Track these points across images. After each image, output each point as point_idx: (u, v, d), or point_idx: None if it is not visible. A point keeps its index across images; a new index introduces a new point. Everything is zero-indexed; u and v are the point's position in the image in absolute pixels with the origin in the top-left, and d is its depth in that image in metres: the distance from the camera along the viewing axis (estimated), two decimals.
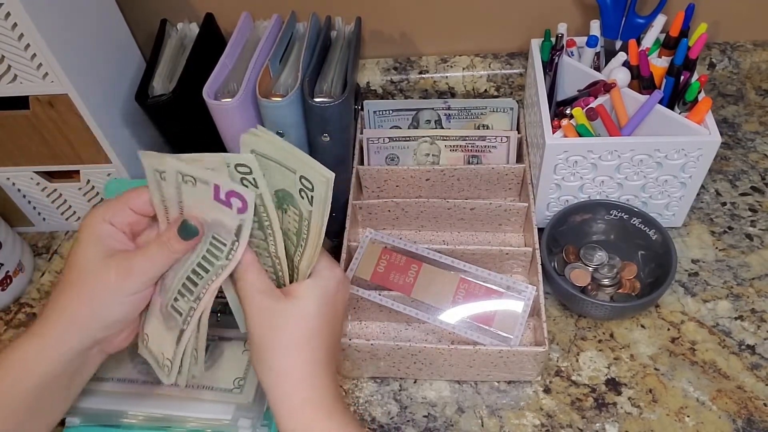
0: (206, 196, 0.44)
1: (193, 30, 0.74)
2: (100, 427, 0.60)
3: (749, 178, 0.78)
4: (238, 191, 0.43)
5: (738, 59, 0.88)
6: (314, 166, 0.43)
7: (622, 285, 0.68)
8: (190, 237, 0.46)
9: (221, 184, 0.43)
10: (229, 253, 0.46)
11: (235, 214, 0.44)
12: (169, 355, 0.50)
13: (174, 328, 0.49)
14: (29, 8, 0.56)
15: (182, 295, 0.48)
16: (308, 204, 0.45)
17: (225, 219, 0.45)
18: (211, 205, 0.44)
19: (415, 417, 0.61)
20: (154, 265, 0.46)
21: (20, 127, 0.66)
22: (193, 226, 0.46)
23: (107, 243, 0.46)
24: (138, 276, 0.46)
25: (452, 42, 0.88)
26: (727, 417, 0.59)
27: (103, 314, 0.46)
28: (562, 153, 0.65)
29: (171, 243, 0.46)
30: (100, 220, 0.46)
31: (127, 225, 0.48)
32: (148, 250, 0.46)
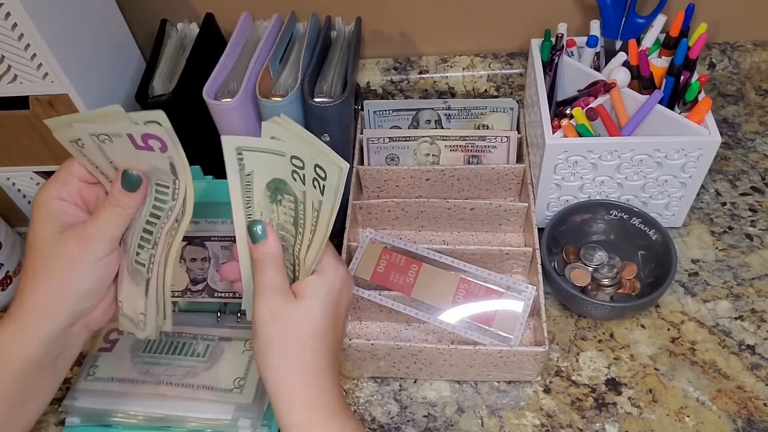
0: (128, 148, 0.44)
1: (193, 30, 0.74)
2: (100, 427, 0.60)
3: (749, 178, 0.78)
4: (150, 132, 0.42)
5: (738, 59, 0.88)
6: (330, 155, 0.42)
7: (622, 285, 0.68)
8: (135, 187, 0.46)
9: (133, 131, 0.43)
10: (174, 193, 0.46)
11: (160, 154, 0.44)
12: (141, 309, 0.50)
13: (141, 282, 0.49)
14: (29, 8, 0.56)
15: (142, 247, 0.48)
16: (320, 194, 0.44)
17: (156, 163, 0.45)
18: (136, 155, 0.44)
19: (415, 417, 0.61)
20: (109, 225, 0.47)
21: (20, 127, 0.66)
22: (134, 174, 0.46)
23: (61, 218, 0.46)
24: (96, 241, 0.46)
25: (452, 42, 0.88)
26: (727, 417, 0.59)
27: (74, 288, 0.46)
28: (562, 153, 0.65)
29: (118, 198, 0.46)
30: (50, 197, 0.46)
31: (77, 196, 0.48)
32: (99, 213, 0.47)
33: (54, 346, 0.47)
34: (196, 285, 0.63)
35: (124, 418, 0.59)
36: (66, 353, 0.49)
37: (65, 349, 0.48)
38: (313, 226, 0.46)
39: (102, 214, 0.46)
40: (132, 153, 0.44)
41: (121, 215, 0.47)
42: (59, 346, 0.47)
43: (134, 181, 0.46)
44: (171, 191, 0.46)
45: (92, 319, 0.50)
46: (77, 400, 0.60)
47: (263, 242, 0.47)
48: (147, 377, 0.61)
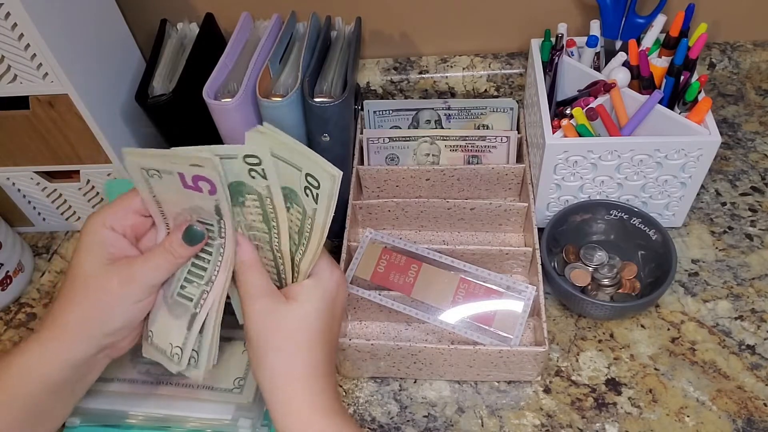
0: (176, 187, 0.44)
1: (193, 30, 0.74)
2: (101, 427, 0.60)
3: (749, 178, 0.78)
4: (202, 174, 0.42)
5: (738, 59, 0.88)
6: (320, 163, 0.42)
7: (622, 285, 0.68)
8: (196, 242, 0.46)
9: (184, 171, 0.43)
10: (220, 231, 0.46)
11: (207, 196, 0.44)
12: (178, 343, 0.49)
13: (183, 315, 0.48)
14: (29, 8, 0.56)
15: (190, 282, 0.48)
16: (313, 202, 0.44)
17: (201, 203, 0.45)
18: (183, 193, 0.44)
19: (415, 417, 0.61)
20: (158, 271, 0.46)
21: (20, 127, 0.66)
22: (198, 231, 0.46)
23: (109, 250, 0.46)
24: (141, 283, 0.46)
25: (452, 42, 0.88)
26: (727, 417, 0.59)
27: (107, 322, 0.46)
28: (562, 153, 0.65)
29: (174, 249, 0.46)
30: (100, 225, 0.46)
31: (129, 228, 0.47)
32: (150, 257, 0.46)
33: (76, 372, 0.47)
34: None
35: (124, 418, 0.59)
36: (86, 378, 0.49)
37: (85, 375, 0.49)
38: (307, 233, 0.46)
39: (153, 259, 0.46)
40: (179, 191, 0.44)
41: (172, 264, 0.46)
42: (81, 372, 0.47)
43: (197, 237, 0.46)
44: (216, 229, 0.46)
45: (116, 350, 0.50)
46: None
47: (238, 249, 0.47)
48: (147, 377, 0.61)
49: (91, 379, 0.50)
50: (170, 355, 0.50)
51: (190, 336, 0.48)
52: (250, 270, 0.47)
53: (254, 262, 0.47)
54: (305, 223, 0.46)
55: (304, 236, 0.47)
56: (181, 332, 0.49)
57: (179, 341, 0.49)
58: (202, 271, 0.48)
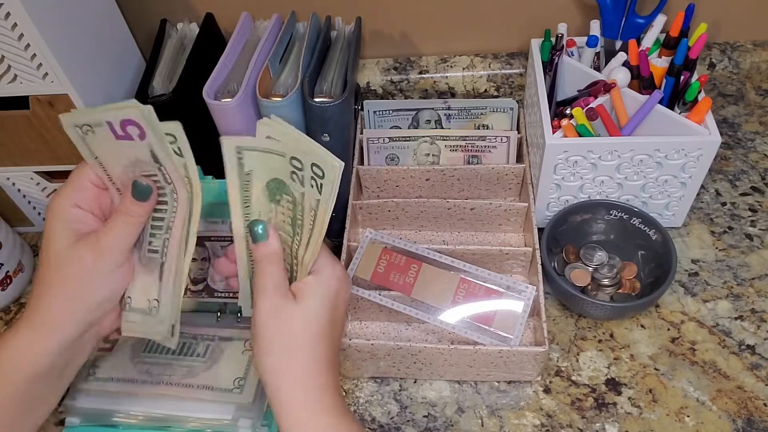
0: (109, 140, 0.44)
1: (193, 30, 0.74)
2: (100, 427, 0.60)
3: (749, 178, 0.78)
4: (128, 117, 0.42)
5: (738, 59, 0.88)
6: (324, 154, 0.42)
7: (622, 285, 0.68)
8: (145, 196, 0.46)
9: (111, 119, 0.43)
10: (165, 177, 0.46)
11: (139, 142, 0.44)
12: (154, 295, 0.49)
13: (155, 269, 0.49)
14: (29, 8, 0.56)
15: (153, 235, 0.48)
16: (317, 192, 0.44)
17: (137, 153, 0.45)
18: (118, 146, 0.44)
19: (415, 417, 0.61)
20: (122, 236, 0.46)
21: (20, 127, 0.66)
22: (143, 184, 0.46)
23: (75, 227, 0.46)
24: (110, 252, 0.46)
25: (452, 42, 0.88)
26: (727, 417, 0.59)
27: (88, 298, 0.47)
28: (562, 153, 0.65)
29: (129, 208, 0.46)
30: (65, 205, 0.46)
31: (94, 203, 0.48)
32: (111, 224, 0.46)
33: (64, 354, 0.47)
34: (196, 285, 0.63)
35: (124, 418, 0.59)
36: (75, 360, 0.49)
37: (74, 356, 0.48)
38: (311, 225, 0.46)
39: (114, 224, 0.46)
40: (114, 144, 0.44)
41: (133, 225, 0.47)
42: (69, 354, 0.47)
43: (145, 191, 0.46)
44: (162, 177, 0.46)
45: (102, 328, 0.50)
46: (77, 400, 0.60)
47: (264, 242, 0.47)
48: (147, 377, 0.61)
49: (80, 360, 0.50)
50: (149, 310, 0.50)
51: (163, 286, 0.49)
52: (273, 263, 0.47)
53: (277, 257, 0.47)
54: (309, 215, 0.46)
55: (298, 226, 0.47)
56: (156, 284, 0.49)
57: (155, 293, 0.49)
58: (161, 222, 0.48)
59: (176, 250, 0.48)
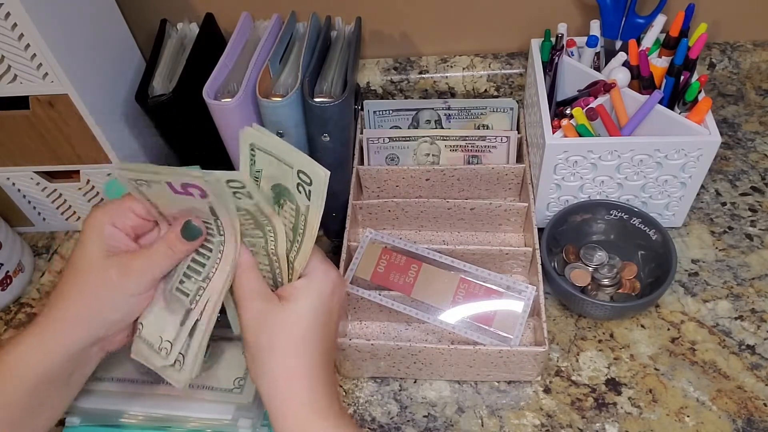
0: (167, 193, 0.44)
1: (193, 30, 0.74)
2: (100, 427, 0.60)
3: (749, 178, 0.78)
4: (190, 182, 0.42)
5: (738, 59, 0.88)
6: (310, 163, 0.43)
7: (622, 285, 0.68)
8: (194, 238, 0.46)
9: (171, 180, 0.43)
10: (219, 228, 0.46)
11: (199, 200, 0.44)
12: (170, 337, 0.49)
13: (178, 310, 0.48)
14: (29, 8, 0.56)
15: (188, 277, 0.48)
16: (306, 198, 0.44)
17: (195, 205, 0.45)
18: (176, 199, 0.44)
19: (415, 417, 0.61)
20: (157, 265, 0.46)
21: (20, 127, 0.66)
22: (196, 226, 0.46)
23: (110, 243, 0.46)
24: (139, 276, 0.46)
25: (452, 42, 0.88)
26: (727, 417, 0.59)
27: (104, 314, 0.46)
28: (562, 153, 0.65)
29: (174, 244, 0.46)
30: (103, 221, 0.46)
31: (130, 228, 0.48)
32: (150, 251, 0.46)
33: (71, 363, 0.47)
34: None
35: (124, 418, 0.59)
36: (81, 371, 0.49)
37: (81, 366, 0.49)
38: (301, 231, 0.46)
39: (153, 253, 0.46)
40: (171, 197, 0.44)
41: (172, 258, 0.47)
42: (75, 363, 0.47)
43: (195, 233, 0.46)
44: (215, 227, 0.46)
45: (111, 343, 0.50)
46: (77, 400, 0.60)
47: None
48: (147, 377, 0.61)
49: (85, 372, 0.50)
50: (158, 349, 0.49)
51: (182, 332, 0.48)
52: (245, 273, 0.47)
53: (249, 265, 0.47)
54: (299, 220, 0.46)
55: (298, 233, 0.47)
56: (175, 327, 0.48)
57: (171, 336, 0.49)
58: (201, 267, 0.48)
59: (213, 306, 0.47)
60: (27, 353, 0.45)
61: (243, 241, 0.48)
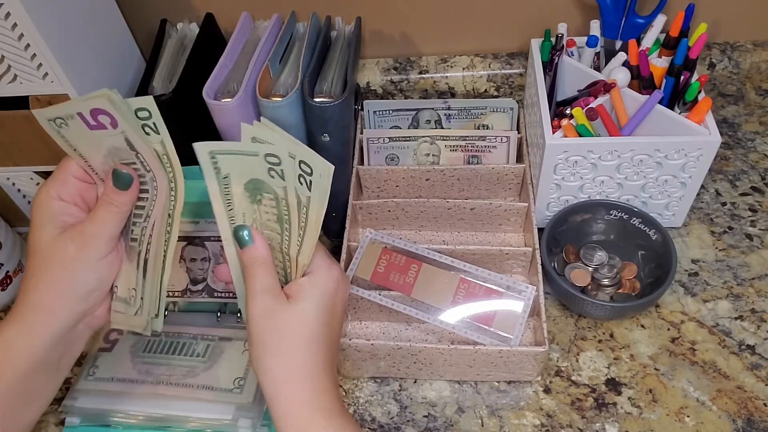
0: (83, 131, 0.44)
1: (193, 30, 0.74)
2: (100, 426, 0.60)
3: (749, 178, 0.78)
4: (97, 106, 0.42)
5: (738, 59, 0.88)
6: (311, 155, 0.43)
7: (622, 285, 0.68)
8: (126, 185, 0.46)
9: (81, 110, 0.43)
10: (144, 165, 0.46)
11: (113, 131, 0.44)
12: (133, 284, 0.49)
13: (134, 258, 0.49)
14: (29, 8, 0.56)
15: (135, 224, 0.49)
16: (307, 189, 0.44)
17: (112, 142, 0.45)
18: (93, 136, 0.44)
19: (415, 417, 0.61)
20: (106, 225, 0.47)
21: (20, 127, 0.66)
22: (124, 173, 0.46)
23: (61, 219, 0.47)
24: (94, 241, 0.47)
25: (452, 42, 0.88)
26: (727, 417, 0.59)
27: (77, 289, 0.47)
28: (562, 153, 0.65)
29: (112, 198, 0.46)
30: (49, 197, 0.47)
31: (77, 196, 0.48)
32: (95, 214, 0.47)
33: (58, 345, 0.47)
34: (195, 285, 0.63)
35: (124, 418, 0.59)
36: (69, 352, 0.49)
37: (69, 348, 0.49)
38: (302, 224, 0.46)
39: (98, 213, 0.47)
40: (89, 136, 0.44)
41: (116, 213, 0.47)
42: (63, 345, 0.48)
43: (126, 180, 0.46)
44: (140, 164, 0.46)
45: (95, 318, 0.50)
46: (77, 400, 0.60)
47: (251, 247, 0.47)
48: (147, 377, 0.61)
49: (74, 352, 0.50)
50: (129, 299, 0.50)
51: (139, 275, 0.49)
52: (261, 267, 0.47)
53: (265, 260, 0.47)
54: (300, 213, 0.46)
55: (300, 227, 0.47)
56: (134, 273, 0.49)
57: (134, 282, 0.49)
58: (141, 210, 0.48)
59: (156, 240, 0.48)
60: (12, 344, 0.45)
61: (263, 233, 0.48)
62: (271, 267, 0.47)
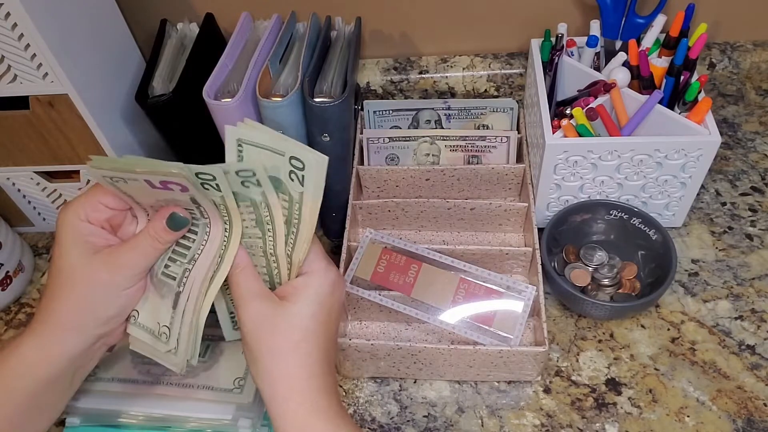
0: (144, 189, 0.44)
1: (193, 30, 0.74)
2: (100, 427, 0.60)
3: (749, 178, 0.78)
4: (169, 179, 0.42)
5: (738, 59, 0.88)
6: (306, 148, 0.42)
7: (622, 285, 0.68)
8: (180, 228, 0.46)
9: (150, 178, 0.42)
10: (202, 213, 0.46)
11: (179, 193, 0.43)
12: (165, 322, 0.49)
13: (167, 295, 0.48)
14: (29, 8, 0.56)
15: (173, 261, 0.48)
16: (299, 185, 0.44)
17: (175, 197, 0.44)
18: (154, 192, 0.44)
19: (415, 417, 0.61)
20: (144, 257, 0.46)
21: (20, 127, 0.66)
22: (182, 217, 0.45)
23: (90, 240, 0.46)
24: (129, 270, 0.46)
25: (452, 42, 0.88)
26: (727, 417, 0.59)
27: (99, 312, 0.46)
28: (562, 153, 0.65)
29: (160, 235, 0.46)
30: (76, 218, 0.46)
31: (105, 221, 0.47)
32: (136, 243, 0.46)
33: (74, 362, 0.47)
34: None
35: (124, 419, 0.59)
36: (83, 368, 0.49)
37: (83, 365, 0.48)
38: (296, 220, 0.46)
39: (138, 245, 0.46)
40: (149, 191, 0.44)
41: (158, 249, 0.46)
42: (79, 363, 0.47)
43: (182, 224, 0.46)
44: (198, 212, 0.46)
45: (112, 337, 0.50)
46: (77, 400, 0.60)
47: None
48: (147, 377, 0.61)
49: (88, 368, 0.50)
50: (158, 335, 0.49)
51: (176, 315, 0.48)
52: (242, 273, 0.47)
53: (246, 265, 0.47)
54: (293, 209, 0.46)
55: (293, 224, 0.46)
56: (168, 311, 0.48)
57: (167, 320, 0.49)
58: (186, 250, 0.47)
59: (199, 286, 0.47)
60: (27, 359, 0.45)
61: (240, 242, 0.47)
62: (252, 272, 0.47)
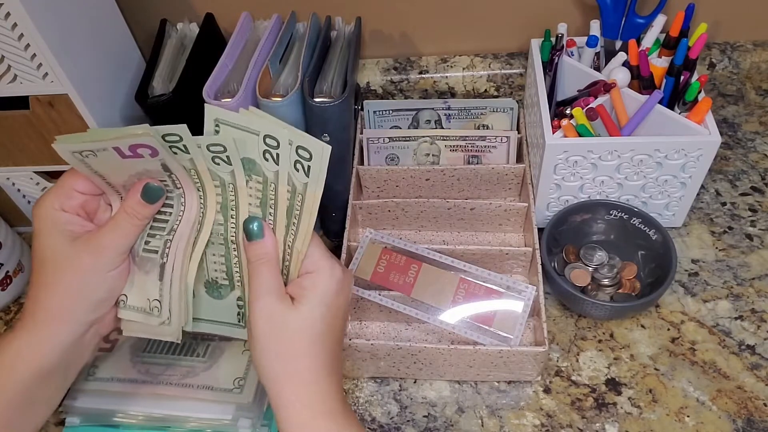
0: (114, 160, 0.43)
1: (193, 30, 0.74)
2: (100, 426, 0.60)
3: (749, 178, 0.78)
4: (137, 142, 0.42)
5: (738, 59, 0.88)
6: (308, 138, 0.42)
7: (622, 285, 0.68)
8: (156, 199, 0.46)
9: (119, 144, 0.42)
10: (175, 182, 0.46)
11: (150, 159, 0.43)
12: (155, 296, 0.49)
13: (152, 269, 0.48)
14: (29, 8, 0.56)
15: (152, 236, 0.48)
16: (304, 176, 0.44)
17: (146, 166, 0.44)
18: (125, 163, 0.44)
19: (415, 417, 0.61)
20: (125, 235, 0.46)
21: (20, 127, 0.66)
22: (156, 186, 0.45)
23: (68, 229, 0.46)
24: (111, 251, 0.46)
25: (452, 42, 0.88)
26: (727, 417, 0.59)
27: (87, 298, 0.46)
28: (562, 153, 0.65)
29: (136, 210, 0.46)
30: (52, 209, 0.46)
31: (80, 208, 0.47)
32: (115, 223, 0.46)
33: (67, 353, 0.47)
34: None
35: (124, 418, 0.59)
36: (77, 360, 0.49)
37: (77, 356, 0.48)
38: (297, 211, 0.46)
39: (118, 225, 0.46)
40: (119, 163, 0.44)
41: (137, 226, 0.46)
42: (72, 353, 0.47)
43: (156, 194, 0.46)
44: (171, 181, 0.46)
45: (103, 326, 0.49)
46: (77, 400, 0.60)
47: (259, 242, 0.46)
48: (147, 377, 0.61)
49: (82, 360, 0.49)
50: (150, 310, 0.49)
51: (164, 286, 0.48)
52: (266, 265, 0.46)
53: (272, 258, 0.46)
54: (294, 200, 0.45)
55: (294, 215, 0.46)
56: (155, 285, 0.48)
57: (156, 294, 0.49)
58: (164, 224, 0.48)
59: (183, 252, 0.48)
60: (21, 352, 0.45)
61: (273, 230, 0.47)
62: (276, 266, 0.47)
